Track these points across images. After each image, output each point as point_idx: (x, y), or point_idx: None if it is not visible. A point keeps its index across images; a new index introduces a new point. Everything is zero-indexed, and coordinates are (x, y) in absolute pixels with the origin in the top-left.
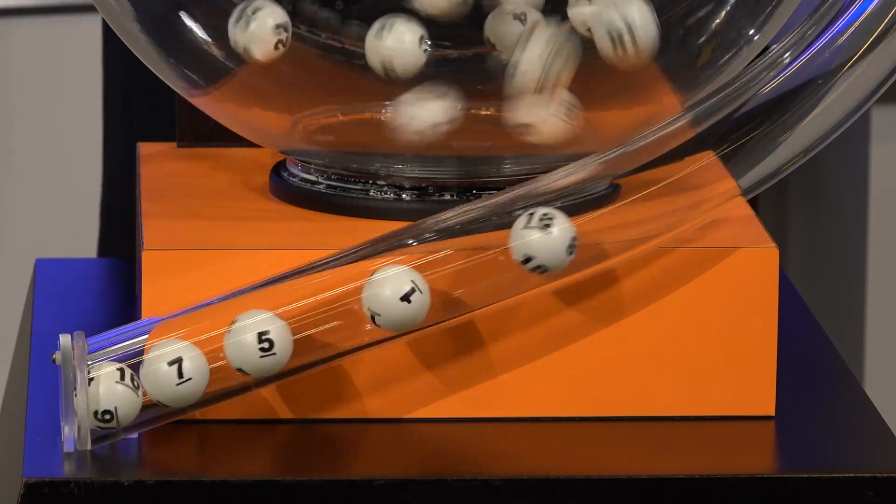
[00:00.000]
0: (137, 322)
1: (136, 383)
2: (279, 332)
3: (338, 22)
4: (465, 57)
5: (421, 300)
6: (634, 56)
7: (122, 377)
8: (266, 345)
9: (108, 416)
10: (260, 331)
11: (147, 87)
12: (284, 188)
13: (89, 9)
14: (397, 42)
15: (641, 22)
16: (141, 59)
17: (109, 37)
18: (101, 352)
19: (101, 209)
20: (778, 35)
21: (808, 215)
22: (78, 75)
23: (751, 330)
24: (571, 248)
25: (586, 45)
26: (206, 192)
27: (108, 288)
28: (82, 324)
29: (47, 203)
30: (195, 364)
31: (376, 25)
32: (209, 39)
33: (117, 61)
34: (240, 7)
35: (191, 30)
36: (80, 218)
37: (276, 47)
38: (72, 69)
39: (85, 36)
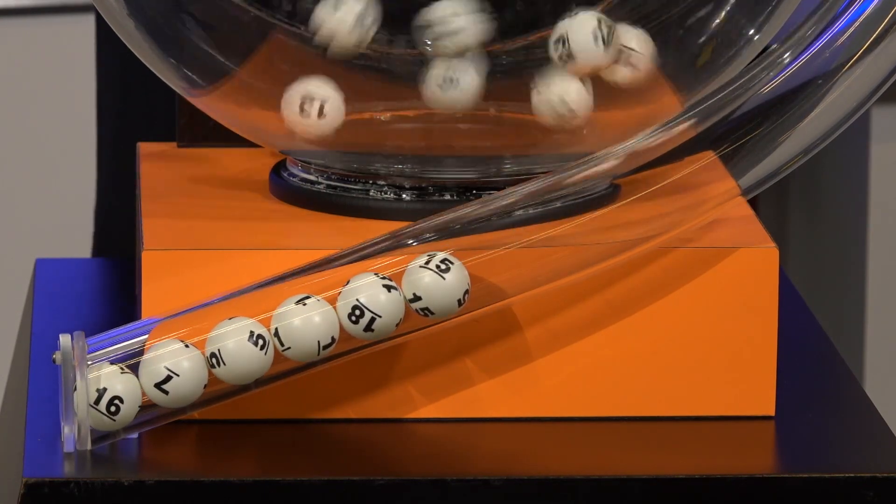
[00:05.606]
0: (137, 322)
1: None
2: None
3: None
4: None
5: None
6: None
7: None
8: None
9: (113, 409)
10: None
11: (140, 87)
12: (284, 188)
13: (82, 9)
14: None
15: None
16: (140, 58)
17: (103, 37)
18: (101, 352)
19: (95, 210)
20: (778, 35)
21: (808, 215)
22: (72, 75)
23: (751, 330)
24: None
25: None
26: (206, 192)
27: (108, 288)
28: (82, 324)
29: (47, 204)
30: (193, 364)
31: None
32: (209, 39)
33: (110, 61)
34: None
35: (191, 30)
36: (79, 218)
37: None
38: (66, 69)
39: (79, 36)
